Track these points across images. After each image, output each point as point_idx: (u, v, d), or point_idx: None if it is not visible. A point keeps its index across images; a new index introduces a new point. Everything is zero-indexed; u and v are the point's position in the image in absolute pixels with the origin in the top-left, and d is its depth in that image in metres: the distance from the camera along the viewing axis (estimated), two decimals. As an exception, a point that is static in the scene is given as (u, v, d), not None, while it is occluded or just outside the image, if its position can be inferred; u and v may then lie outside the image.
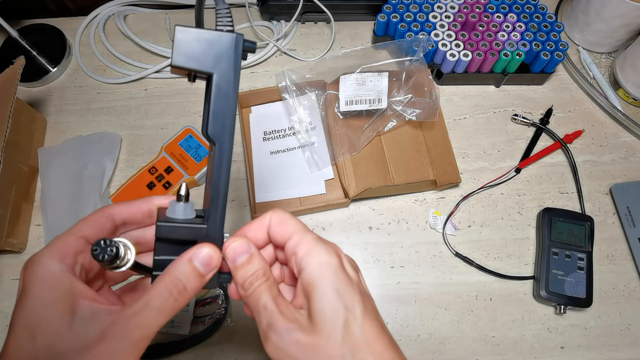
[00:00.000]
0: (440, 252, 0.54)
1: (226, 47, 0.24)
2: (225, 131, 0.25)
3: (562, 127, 0.62)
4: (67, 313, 0.22)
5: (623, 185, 0.57)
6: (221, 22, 0.25)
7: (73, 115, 0.62)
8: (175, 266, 0.24)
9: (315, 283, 0.24)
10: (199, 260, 0.24)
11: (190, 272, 0.24)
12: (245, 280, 0.25)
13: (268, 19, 0.69)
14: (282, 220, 0.27)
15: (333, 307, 0.24)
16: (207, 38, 0.24)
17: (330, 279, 0.24)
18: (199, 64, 0.24)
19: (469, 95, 0.64)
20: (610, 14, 0.61)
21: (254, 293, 0.25)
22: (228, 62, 0.24)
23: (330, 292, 0.24)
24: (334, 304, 0.24)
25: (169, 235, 0.25)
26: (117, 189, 0.55)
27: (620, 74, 0.63)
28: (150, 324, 0.23)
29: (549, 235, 0.53)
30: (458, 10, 0.62)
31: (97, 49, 0.66)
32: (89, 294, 0.24)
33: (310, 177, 0.57)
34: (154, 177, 0.55)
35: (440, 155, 0.56)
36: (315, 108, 0.60)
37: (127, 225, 0.28)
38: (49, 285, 0.23)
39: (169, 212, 0.26)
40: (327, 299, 0.24)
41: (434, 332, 0.50)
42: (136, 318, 0.23)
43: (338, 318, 0.24)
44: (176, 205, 0.26)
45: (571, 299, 0.50)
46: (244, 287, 0.25)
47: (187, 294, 0.24)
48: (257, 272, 0.25)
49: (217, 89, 0.24)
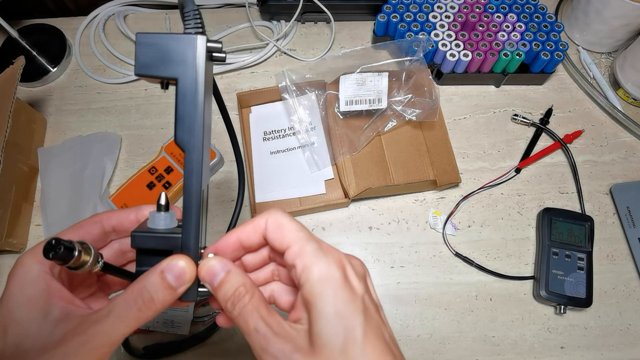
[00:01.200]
0: (440, 252, 0.54)
1: (188, 49, 0.23)
2: (193, 138, 0.24)
3: (562, 127, 0.62)
4: (39, 313, 0.22)
5: (623, 185, 0.57)
6: (189, 25, 0.24)
7: (73, 115, 0.62)
8: (145, 276, 0.24)
9: (315, 302, 0.23)
10: (170, 273, 0.24)
11: (159, 284, 0.23)
12: (227, 300, 0.24)
13: (268, 19, 0.69)
14: (279, 225, 0.25)
15: (332, 329, 0.22)
16: (168, 42, 0.23)
17: (330, 297, 0.23)
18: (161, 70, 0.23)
19: (469, 95, 0.64)
20: (610, 14, 0.61)
21: (241, 314, 0.24)
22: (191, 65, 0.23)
23: (330, 313, 0.23)
24: (333, 327, 0.22)
25: (144, 245, 0.25)
26: (117, 189, 0.55)
27: (620, 74, 0.63)
28: (111, 331, 0.22)
29: (549, 235, 0.53)
30: (458, 10, 0.62)
31: (97, 49, 0.66)
32: (65, 295, 0.24)
33: (310, 177, 0.57)
34: (154, 177, 0.55)
35: (440, 155, 0.56)
36: (315, 108, 0.60)
37: (117, 232, 0.28)
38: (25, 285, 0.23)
39: (150, 222, 0.26)
40: (326, 321, 0.23)
41: (434, 332, 0.50)
42: (99, 324, 0.22)
43: (337, 341, 0.22)
44: (156, 215, 0.26)
45: (571, 299, 0.50)
46: (228, 308, 0.24)
47: (154, 306, 0.23)
48: (237, 289, 0.24)
49: (182, 94, 0.23)
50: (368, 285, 0.26)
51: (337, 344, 0.22)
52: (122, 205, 0.53)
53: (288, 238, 0.25)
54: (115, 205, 0.53)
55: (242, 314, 0.23)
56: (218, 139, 0.60)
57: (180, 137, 0.24)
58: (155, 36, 0.23)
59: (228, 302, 0.24)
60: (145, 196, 0.54)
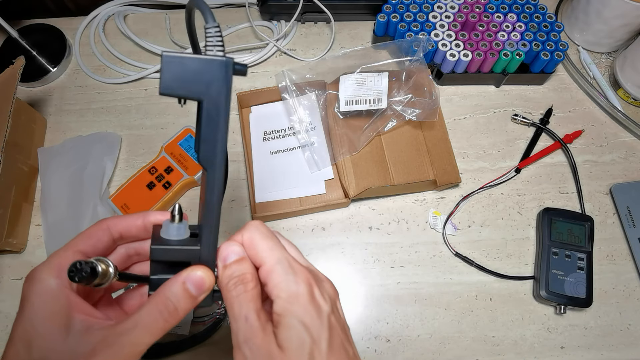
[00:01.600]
0: (440, 252, 0.54)
1: (215, 73, 0.23)
2: (216, 158, 0.25)
3: (562, 127, 0.62)
4: (62, 327, 0.23)
5: (623, 185, 0.57)
6: (211, 43, 0.24)
7: (73, 115, 0.62)
8: (167, 287, 0.25)
9: (283, 314, 0.25)
10: (191, 283, 0.25)
11: (182, 294, 0.24)
12: (230, 280, 0.25)
13: (268, 19, 0.69)
14: (252, 243, 0.26)
15: (299, 338, 0.24)
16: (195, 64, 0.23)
17: (297, 312, 0.25)
18: (187, 91, 0.23)
19: (469, 95, 0.64)
20: (610, 14, 0.61)
21: (238, 298, 0.25)
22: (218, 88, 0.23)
23: (297, 325, 0.24)
24: (300, 336, 0.24)
25: (163, 258, 0.26)
26: (117, 189, 0.55)
27: (620, 74, 0.63)
28: (139, 341, 0.23)
29: (549, 235, 0.53)
30: (458, 10, 0.62)
31: (97, 49, 0.66)
32: (85, 308, 0.24)
33: (310, 177, 0.57)
34: (154, 177, 0.55)
35: (440, 155, 0.56)
36: (315, 108, 0.60)
37: (124, 238, 0.29)
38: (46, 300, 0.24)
39: (163, 233, 0.26)
40: (294, 330, 0.24)
41: (434, 332, 0.50)
42: (126, 336, 0.23)
43: (304, 349, 0.24)
44: (170, 225, 0.26)
45: (571, 299, 0.50)
46: (227, 286, 0.25)
47: (178, 315, 0.24)
48: (244, 275, 0.25)
49: (207, 116, 0.24)
50: (336, 305, 0.28)
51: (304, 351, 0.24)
52: (123, 205, 0.53)
53: (260, 256, 0.26)
54: (115, 205, 0.53)
55: (239, 298, 0.25)
56: (218, 139, 0.60)
57: (204, 157, 0.24)
58: (182, 57, 0.23)
59: (231, 281, 0.25)
60: (145, 196, 0.54)
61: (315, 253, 0.54)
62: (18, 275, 0.53)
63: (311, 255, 0.54)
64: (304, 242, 0.55)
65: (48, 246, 0.53)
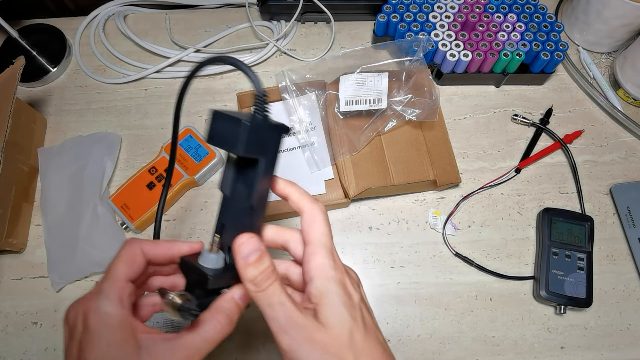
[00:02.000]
0: (440, 252, 0.54)
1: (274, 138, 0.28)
2: (262, 202, 0.29)
3: (562, 127, 0.62)
4: (135, 348, 0.26)
5: (623, 185, 0.57)
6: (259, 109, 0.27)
7: (73, 115, 0.62)
8: (222, 304, 0.28)
9: (326, 293, 0.27)
10: (239, 297, 0.29)
11: (234, 308, 0.29)
12: (256, 277, 0.27)
13: (268, 19, 0.69)
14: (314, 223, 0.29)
15: (341, 315, 0.27)
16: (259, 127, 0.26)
17: (338, 293, 0.27)
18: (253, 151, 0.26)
19: (469, 95, 0.64)
20: (610, 14, 0.61)
21: (269, 290, 0.27)
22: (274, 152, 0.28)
23: (339, 303, 0.27)
24: (342, 313, 0.27)
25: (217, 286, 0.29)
26: (117, 189, 0.55)
27: (620, 74, 0.63)
28: (203, 351, 0.27)
29: (549, 235, 0.53)
30: (458, 10, 0.62)
31: (97, 49, 0.66)
32: (144, 329, 0.28)
33: (310, 177, 0.57)
34: (154, 177, 0.55)
35: (440, 155, 0.56)
36: (315, 108, 0.60)
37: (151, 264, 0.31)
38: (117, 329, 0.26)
39: (202, 261, 0.29)
40: (336, 308, 0.27)
41: (434, 332, 0.50)
42: (193, 346, 0.27)
43: (345, 325, 0.26)
44: (210, 255, 0.29)
45: (571, 299, 0.50)
46: (256, 283, 0.27)
47: (232, 325, 0.28)
48: (267, 269, 0.27)
49: (264, 173, 0.28)
50: (362, 294, 0.30)
51: (345, 326, 0.26)
52: (122, 205, 0.53)
53: (312, 237, 0.29)
54: (115, 205, 0.53)
55: (270, 290, 0.27)
56: (218, 139, 0.60)
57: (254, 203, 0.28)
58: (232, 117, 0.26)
59: (257, 278, 0.27)
60: (145, 196, 0.54)
61: (315, 253, 0.54)
62: (18, 275, 0.53)
63: (311, 255, 0.54)
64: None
65: (48, 246, 0.53)
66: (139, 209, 0.53)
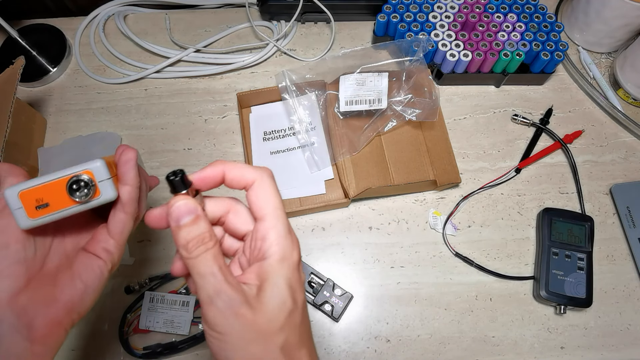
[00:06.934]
0: (440, 252, 0.54)
1: None
2: None
3: (562, 127, 0.62)
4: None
5: (623, 185, 0.57)
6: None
7: (73, 115, 0.62)
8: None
9: (273, 272, 0.25)
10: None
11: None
12: (189, 242, 0.25)
13: (268, 19, 0.69)
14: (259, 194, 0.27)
15: (284, 296, 0.25)
16: None
17: (287, 274, 0.26)
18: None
19: (469, 95, 0.64)
20: (610, 14, 0.61)
21: (200, 257, 0.25)
22: None
23: (284, 285, 0.25)
24: (285, 295, 0.25)
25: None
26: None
27: (620, 74, 0.63)
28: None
29: (549, 235, 0.53)
30: (458, 10, 0.62)
31: (97, 49, 0.66)
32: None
33: (310, 177, 0.57)
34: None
35: (440, 155, 0.56)
36: (315, 108, 0.60)
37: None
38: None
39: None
40: (280, 289, 0.25)
41: (434, 332, 0.50)
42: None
43: (285, 307, 0.25)
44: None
45: (571, 299, 0.50)
46: (187, 248, 0.25)
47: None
48: (202, 234, 0.25)
49: None
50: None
51: (285, 309, 0.25)
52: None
53: (265, 211, 0.26)
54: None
55: (201, 257, 0.25)
56: (217, 139, 0.60)
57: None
58: None
59: (190, 243, 0.25)
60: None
61: (315, 253, 0.54)
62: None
63: (311, 255, 0.54)
64: (304, 242, 0.55)
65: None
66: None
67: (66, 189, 0.27)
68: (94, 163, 0.27)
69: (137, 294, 0.51)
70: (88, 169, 0.27)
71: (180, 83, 0.65)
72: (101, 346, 0.49)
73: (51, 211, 0.27)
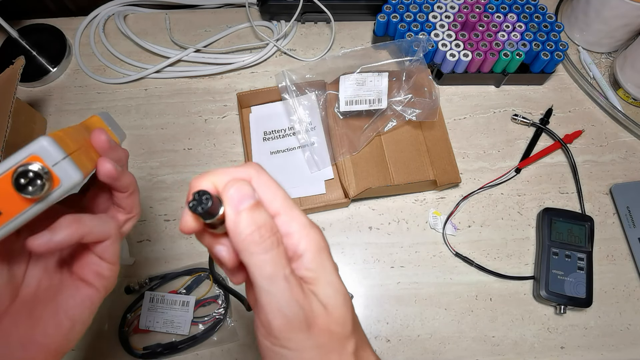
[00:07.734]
0: (440, 252, 0.54)
1: None
2: None
3: (562, 127, 0.62)
4: None
5: (623, 185, 0.57)
6: None
7: (73, 115, 0.62)
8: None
9: (320, 268, 0.22)
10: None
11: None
12: (253, 232, 0.20)
13: (268, 19, 0.69)
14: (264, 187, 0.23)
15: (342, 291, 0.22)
16: None
17: (330, 266, 0.22)
18: None
19: (469, 95, 0.64)
20: (610, 14, 0.61)
21: (270, 255, 0.20)
22: None
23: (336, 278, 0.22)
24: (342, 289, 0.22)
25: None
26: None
27: (620, 74, 0.63)
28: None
29: (549, 235, 0.53)
30: (458, 10, 0.62)
31: (97, 49, 0.66)
32: None
33: (310, 177, 0.57)
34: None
35: (440, 155, 0.56)
36: (315, 108, 0.60)
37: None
38: None
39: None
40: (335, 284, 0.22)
41: (434, 332, 0.50)
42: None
43: (348, 303, 0.22)
44: None
45: (571, 299, 0.50)
46: (254, 240, 0.20)
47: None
48: (267, 223, 0.20)
49: None
50: None
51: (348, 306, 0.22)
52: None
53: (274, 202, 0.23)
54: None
55: (272, 254, 0.20)
56: (217, 139, 0.60)
57: None
58: None
59: (256, 233, 0.20)
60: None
61: (315, 253, 0.54)
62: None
63: (311, 255, 0.54)
64: (304, 242, 0.55)
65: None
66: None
67: (12, 185, 0.20)
68: (39, 142, 0.21)
69: (137, 294, 0.51)
70: (33, 152, 0.21)
71: (180, 83, 0.65)
72: (101, 346, 0.49)
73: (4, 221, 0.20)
